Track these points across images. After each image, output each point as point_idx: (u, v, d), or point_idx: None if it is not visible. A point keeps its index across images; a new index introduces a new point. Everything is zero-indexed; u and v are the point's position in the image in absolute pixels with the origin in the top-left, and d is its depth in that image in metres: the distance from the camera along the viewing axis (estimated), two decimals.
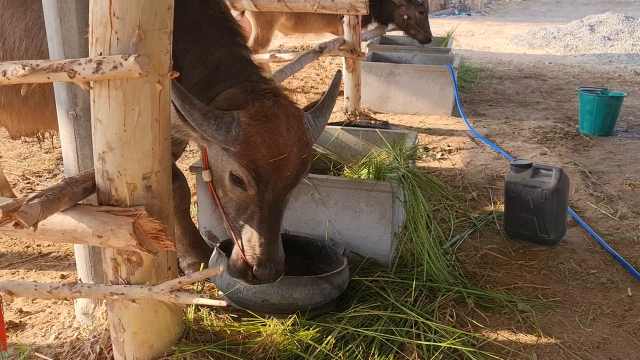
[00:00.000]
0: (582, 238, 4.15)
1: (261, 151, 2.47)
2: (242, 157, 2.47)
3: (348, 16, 6.69)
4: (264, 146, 2.47)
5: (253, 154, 2.47)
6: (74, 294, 2.45)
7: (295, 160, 2.57)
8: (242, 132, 2.44)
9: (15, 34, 3.09)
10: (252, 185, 2.53)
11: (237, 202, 2.61)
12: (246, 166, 2.47)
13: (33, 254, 3.89)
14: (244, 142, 2.45)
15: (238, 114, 2.46)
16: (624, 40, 13.16)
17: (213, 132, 2.43)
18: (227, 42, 2.83)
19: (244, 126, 2.45)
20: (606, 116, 6.47)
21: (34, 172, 5.36)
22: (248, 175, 2.50)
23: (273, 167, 2.51)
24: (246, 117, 2.46)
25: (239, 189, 2.57)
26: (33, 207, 2.04)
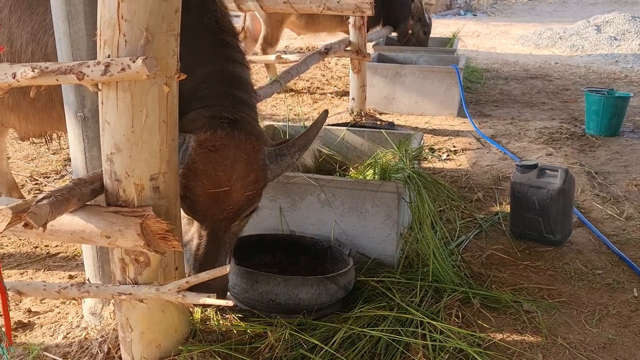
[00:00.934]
0: (588, 239, 4.15)
1: (201, 180, 2.45)
2: (184, 180, 2.46)
3: (354, 17, 6.70)
4: (204, 175, 2.45)
5: (193, 181, 2.46)
6: (82, 294, 2.47)
7: (238, 196, 2.51)
8: (188, 157, 2.44)
9: (22, 37, 3.12)
10: (188, 212, 2.52)
11: (184, 221, 2.60)
12: (183, 192, 2.47)
13: (41, 255, 3.92)
14: (187, 167, 2.44)
15: (189, 138, 2.45)
16: (631, 40, 13.12)
17: None
18: (218, 56, 2.77)
19: (190, 151, 2.44)
20: (612, 116, 6.46)
21: (41, 173, 5.39)
22: (187, 200, 2.49)
23: (211, 198, 2.47)
24: (195, 142, 2.45)
25: (185, 207, 2.55)
26: (42, 207, 2.06)
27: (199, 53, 2.73)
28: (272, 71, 8.24)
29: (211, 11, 2.84)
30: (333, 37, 8.78)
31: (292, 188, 3.56)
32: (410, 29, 8.96)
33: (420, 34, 9.08)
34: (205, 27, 2.79)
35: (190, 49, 2.67)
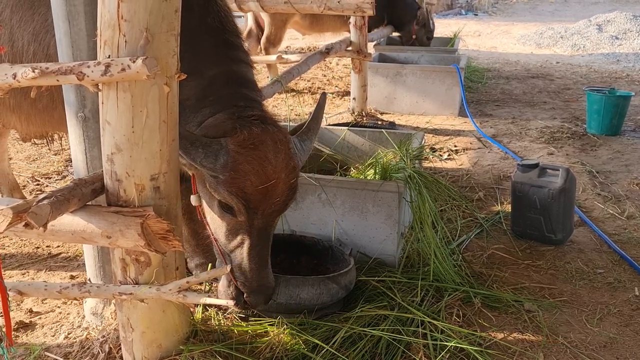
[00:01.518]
0: (590, 238, 4.14)
1: (250, 178, 2.44)
2: (230, 184, 2.43)
3: (355, 17, 6.70)
4: (252, 173, 2.44)
5: (242, 182, 2.43)
6: (83, 294, 2.48)
7: (284, 186, 2.54)
8: (230, 159, 2.41)
9: (24, 38, 3.12)
10: (242, 212, 2.49)
11: (227, 229, 2.58)
12: (235, 194, 2.44)
13: (43, 255, 3.93)
14: (233, 169, 2.42)
15: (226, 142, 2.43)
16: (632, 39, 13.11)
17: (201, 160, 2.40)
18: (223, 57, 2.77)
19: (232, 154, 2.42)
20: (614, 116, 6.46)
21: (43, 174, 5.40)
22: (237, 203, 2.46)
23: (262, 194, 2.48)
24: (234, 144, 2.43)
25: (228, 215, 2.53)
26: (43, 207, 2.07)
27: (203, 54, 2.73)
28: (273, 71, 8.24)
29: (214, 11, 2.84)
30: (337, 37, 8.79)
31: None
32: (415, 34, 8.98)
33: (424, 39, 9.11)
34: (208, 27, 2.79)
35: (195, 49, 2.68)
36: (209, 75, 2.68)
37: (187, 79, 2.56)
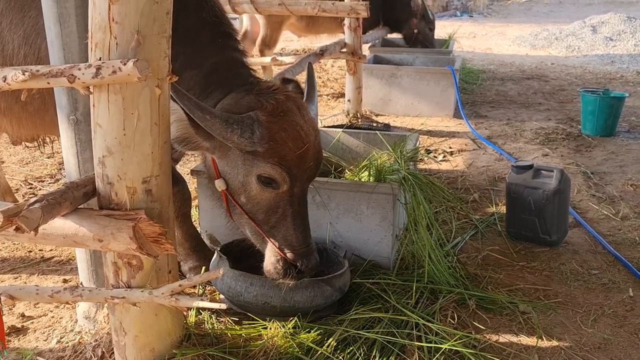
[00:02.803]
0: (584, 239, 4.14)
1: (288, 145, 2.48)
2: (271, 155, 2.47)
3: (349, 19, 6.70)
4: (289, 140, 2.49)
5: (281, 150, 2.47)
6: (75, 298, 2.46)
7: (314, 148, 2.60)
8: (266, 130, 2.44)
9: (14, 41, 3.11)
10: (285, 181, 2.52)
11: (267, 204, 2.58)
12: (277, 163, 2.48)
13: (35, 259, 3.91)
14: (270, 139, 2.45)
15: (256, 114, 2.46)
16: (626, 40, 13.15)
17: (238, 137, 2.41)
18: (221, 46, 2.84)
19: (265, 125, 2.44)
20: (608, 117, 6.47)
21: (36, 177, 5.38)
22: (281, 172, 2.49)
23: (300, 158, 2.53)
24: (265, 115, 2.46)
25: (269, 189, 2.55)
26: (34, 211, 2.06)
27: (201, 46, 2.78)
28: (268, 73, 8.23)
29: (209, 7, 2.89)
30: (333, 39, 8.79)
31: None
32: (416, 28, 8.97)
33: (427, 31, 9.10)
34: (204, 22, 2.84)
35: (192, 45, 2.75)
36: (209, 64, 2.75)
37: (187, 72, 2.68)
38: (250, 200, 2.61)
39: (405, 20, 8.95)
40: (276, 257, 2.65)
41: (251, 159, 2.49)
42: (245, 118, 2.44)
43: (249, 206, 2.62)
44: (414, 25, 8.93)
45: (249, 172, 2.54)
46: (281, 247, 2.63)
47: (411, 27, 8.96)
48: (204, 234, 3.72)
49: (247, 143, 2.43)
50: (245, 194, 2.60)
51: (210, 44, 2.81)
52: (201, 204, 3.75)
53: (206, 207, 3.71)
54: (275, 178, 2.51)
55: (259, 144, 2.44)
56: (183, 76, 2.70)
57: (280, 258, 2.64)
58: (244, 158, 2.51)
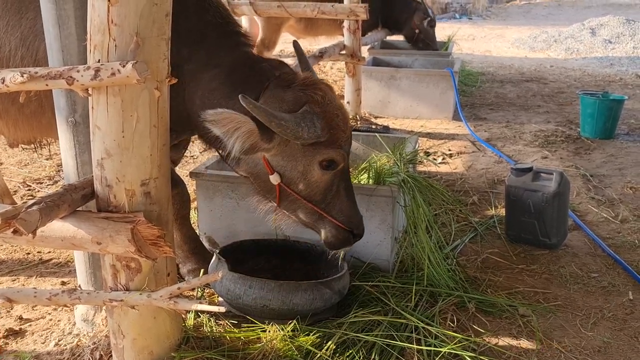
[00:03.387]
0: (584, 242, 4.14)
1: (341, 128, 2.76)
2: (331, 142, 2.71)
3: (348, 21, 6.70)
4: (340, 123, 2.77)
5: (337, 134, 2.74)
6: (73, 300, 2.45)
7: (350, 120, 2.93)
8: (324, 121, 2.67)
9: (11, 43, 3.09)
10: (343, 160, 2.79)
11: (325, 185, 2.81)
12: (337, 147, 2.75)
13: (34, 261, 3.90)
14: (330, 128, 2.70)
15: (312, 108, 2.67)
16: (625, 43, 13.16)
17: (307, 133, 2.63)
18: (233, 44, 2.94)
19: (322, 116, 2.67)
20: (607, 119, 6.46)
21: (34, 179, 5.36)
22: (339, 154, 2.76)
23: (348, 136, 2.85)
24: (318, 107, 2.68)
25: (328, 171, 2.77)
26: (32, 214, 2.05)
27: (213, 46, 2.88)
28: None
29: (212, 8, 2.97)
30: (332, 41, 8.77)
31: None
32: (417, 28, 8.97)
33: (427, 28, 9.10)
34: (210, 23, 2.92)
35: (205, 46, 2.86)
36: (227, 63, 2.85)
37: (205, 73, 2.81)
38: (309, 185, 2.80)
39: (406, 21, 8.96)
40: (335, 229, 2.88)
41: (312, 149, 2.70)
42: (305, 114, 2.65)
43: (307, 191, 2.82)
44: (414, 26, 8.93)
45: (310, 161, 2.75)
46: (338, 219, 2.86)
47: (412, 27, 8.96)
48: (203, 236, 3.71)
49: (313, 137, 2.65)
50: (304, 181, 2.79)
51: (221, 43, 2.90)
52: (200, 207, 3.74)
53: (205, 210, 3.70)
54: (335, 159, 2.77)
55: (322, 135, 2.67)
56: (202, 78, 2.82)
57: (340, 229, 2.87)
58: (304, 150, 2.71)
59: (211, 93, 2.79)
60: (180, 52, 2.76)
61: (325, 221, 2.87)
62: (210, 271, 3.20)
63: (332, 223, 2.86)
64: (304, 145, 2.68)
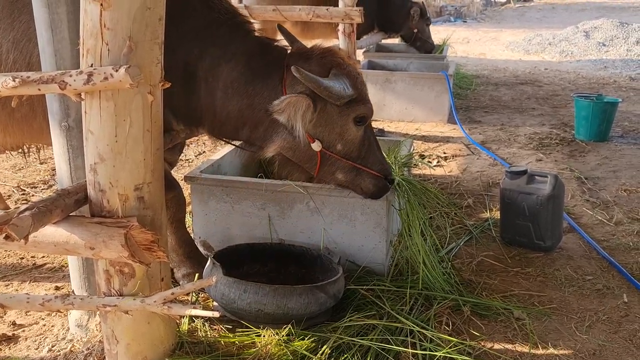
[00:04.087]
0: (578, 244, 4.14)
1: (362, 83, 3.10)
2: (359, 97, 3.02)
3: (343, 24, 6.69)
4: (360, 78, 3.10)
5: (362, 90, 3.06)
6: (66, 306, 2.43)
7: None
8: (350, 80, 3.00)
9: (3, 47, 3.07)
10: (371, 112, 3.12)
11: (360, 140, 3.11)
12: (366, 101, 3.08)
13: (27, 266, 3.88)
14: (356, 85, 3.02)
15: (339, 72, 2.98)
16: (619, 46, 13.22)
17: (343, 91, 2.92)
18: (243, 34, 3.12)
19: (348, 75, 2.99)
20: (601, 122, 6.48)
21: (29, 183, 5.34)
22: (369, 107, 3.09)
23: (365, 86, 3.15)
24: (342, 69, 2.99)
25: (360, 126, 3.08)
26: (24, 219, 2.04)
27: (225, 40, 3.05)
28: None
29: (217, 6, 3.10)
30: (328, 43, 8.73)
31: (281, 196, 3.53)
32: (415, 28, 9.01)
33: (424, 27, 9.15)
34: (218, 20, 3.06)
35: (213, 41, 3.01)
36: (241, 53, 3.03)
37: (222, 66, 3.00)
38: (347, 144, 3.08)
39: (403, 21, 8.99)
40: (375, 179, 3.19)
41: (346, 108, 2.99)
42: (337, 76, 2.95)
43: (346, 150, 3.09)
44: (412, 25, 8.97)
45: (346, 120, 3.03)
46: (375, 169, 3.16)
47: (410, 27, 9.01)
48: (198, 240, 3.70)
49: (348, 94, 2.94)
50: (342, 141, 3.07)
51: (233, 35, 3.07)
52: (195, 210, 3.73)
53: (200, 214, 3.69)
54: (366, 114, 3.07)
55: (352, 91, 2.97)
56: (220, 71, 3.00)
57: (378, 178, 3.19)
58: (340, 111, 2.99)
59: (233, 83, 3.00)
60: (191, 52, 2.96)
61: (364, 174, 3.16)
62: (205, 276, 3.19)
63: (371, 174, 3.16)
64: (339, 106, 2.97)
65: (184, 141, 3.45)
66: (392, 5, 8.91)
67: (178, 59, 2.94)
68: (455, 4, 22.53)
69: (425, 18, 9.05)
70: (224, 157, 4.04)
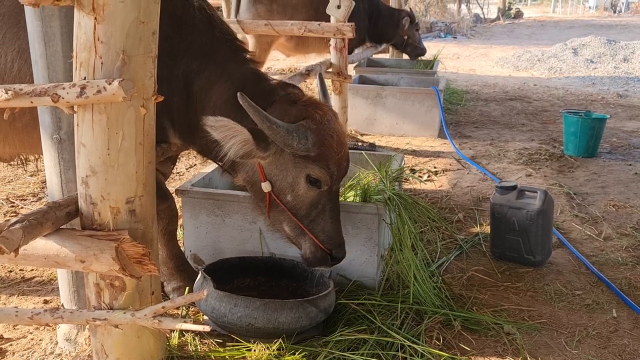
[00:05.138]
0: (568, 259, 4.16)
1: (333, 149, 2.86)
2: (320, 159, 2.82)
3: (335, 39, 6.74)
4: (334, 144, 2.86)
5: (328, 154, 2.84)
6: (55, 319, 2.41)
7: (347, 149, 2.99)
8: (317, 137, 2.80)
9: (8, 55, 3.07)
10: (329, 181, 2.87)
11: (311, 201, 2.91)
12: (325, 166, 2.84)
13: (15, 279, 3.84)
14: (321, 145, 2.81)
15: (308, 123, 2.80)
16: (607, 63, 13.41)
17: (297, 143, 2.76)
18: (241, 60, 3.11)
19: (316, 132, 2.80)
20: (590, 138, 6.55)
21: (18, 196, 5.31)
22: (327, 173, 2.85)
23: (341, 160, 2.92)
24: (315, 124, 2.81)
25: (314, 188, 2.87)
26: (14, 232, 2.02)
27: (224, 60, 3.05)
28: None
29: (219, 25, 3.13)
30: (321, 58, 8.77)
31: None
32: (406, 35, 9.12)
33: (413, 32, 9.26)
34: (218, 39, 3.09)
35: (212, 59, 3.03)
36: (237, 78, 3.01)
37: (217, 85, 3.00)
38: (295, 198, 2.91)
39: (394, 30, 9.09)
40: (315, 246, 2.96)
41: (302, 162, 2.82)
42: (300, 127, 2.78)
43: (293, 203, 2.92)
44: (403, 33, 9.08)
45: (299, 173, 2.86)
46: (319, 238, 2.94)
47: (401, 37, 9.12)
48: (188, 253, 3.69)
49: (303, 148, 2.77)
50: (292, 193, 2.91)
51: (231, 58, 3.07)
52: (186, 224, 3.72)
53: (191, 227, 3.69)
54: (321, 178, 2.86)
55: (311, 150, 2.79)
56: (214, 90, 2.99)
57: (318, 247, 2.95)
58: (295, 162, 2.83)
59: (222, 104, 2.97)
60: (191, 65, 2.98)
61: (306, 237, 2.96)
62: (195, 289, 3.18)
63: (312, 240, 2.94)
64: (294, 156, 2.81)
65: (176, 154, 3.45)
66: (382, 18, 9.03)
67: (179, 71, 2.98)
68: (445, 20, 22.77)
69: (414, 24, 9.18)
70: (215, 171, 4.04)
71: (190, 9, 3.05)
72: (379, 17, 8.96)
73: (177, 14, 2.99)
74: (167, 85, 2.73)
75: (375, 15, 8.87)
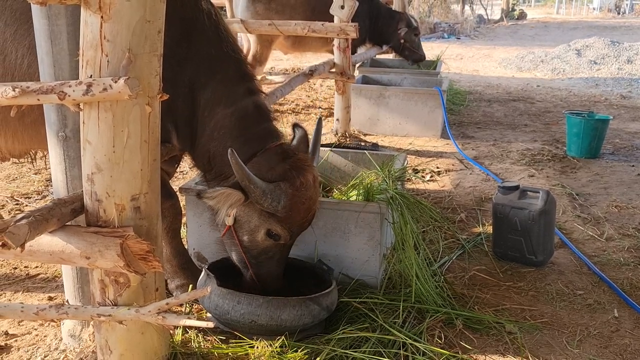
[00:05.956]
0: (570, 259, 4.17)
1: (300, 214, 2.95)
2: (285, 220, 2.91)
3: (338, 40, 6.77)
4: (303, 211, 2.95)
5: (294, 217, 2.93)
6: (60, 315, 2.43)
7: (314, 213, 3.07)
8: (289, 202, 2.87)
9: (18, 51, 3.09)
10: (287, 238, 2.98)
11: (264, 248, 3.01)
12: (287, 227, 2.94)
13: (20, 276, 3.87)
14: (290, 209, 2.89)
15: (285, 187, 2.87)
16: (610, 64, 13.39)
17: (268, 204, 2.85)
18: (248, 88, 3.08)
19: (290, 197, 2.87)
20: (593, 139, 6.56)
21: (22, 194, 5.34)
22: (287, 233, 2.95)
23: (304, 223, 3.03)
24: (292, 189, 2.88)
25: (271, 240, 2.98)
26: (21, 227, 2.05)
27: (231, 82, 3.03)
28: None
29: (226, 39, 3.09)
30: (318, 56, 8.81)
31: None
32: (402, 38, 9.13)
33: (412, 37, 9.26)
34: (226, 56, 3.06)
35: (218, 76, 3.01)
36: (240, 107, 3.02)
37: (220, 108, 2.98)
38: (251, 241, 3.00)
39: (392, 32, 9.11)
40: (253, 281, 3.10)
41: (267, 217, 2.91)
42: (277, 189, 2.85)
43: (248, 244, 3.01)
44: (400, 36, 9.09)
45: (262, 224, 2.94)
46: (259, 278, 3.08)
47: (398, 39, 9.13)
48: (192, 251, 3.71)
49: (272, 209, 2.86)
50: (250, 237, 2.99)
51: (238, 81, 3.05)
52: (189, 222, 3.74)
53: (194, 225, 3.71)
54: (281, 235, 2.96)
55: (280, 212, 2.87)
56: (215, 111, 2.99)
57: (256, 282, 3.09)
58: (261, 213, 2.92)
59: (221, 129, 2.99)
60: (197, 74, 2.97)
61: (249, 272, 3.10)
62: (199, 287, 3.20)
63: (252, 276, 3.09)
64: (262, 209, 2.89)
65: (180, 153, 3.47)
66: (382, 19, 9.05)
67: (185, 76, 2.96)
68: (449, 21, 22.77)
69: (412, 29, 9.18)
70: None
71: (200, 14, 3.02)
72: (379, 17, 8.99)
73: (188, 18, 2.98)
74: (171, 87, 2.75)
75: (375, 16, 8.90)
